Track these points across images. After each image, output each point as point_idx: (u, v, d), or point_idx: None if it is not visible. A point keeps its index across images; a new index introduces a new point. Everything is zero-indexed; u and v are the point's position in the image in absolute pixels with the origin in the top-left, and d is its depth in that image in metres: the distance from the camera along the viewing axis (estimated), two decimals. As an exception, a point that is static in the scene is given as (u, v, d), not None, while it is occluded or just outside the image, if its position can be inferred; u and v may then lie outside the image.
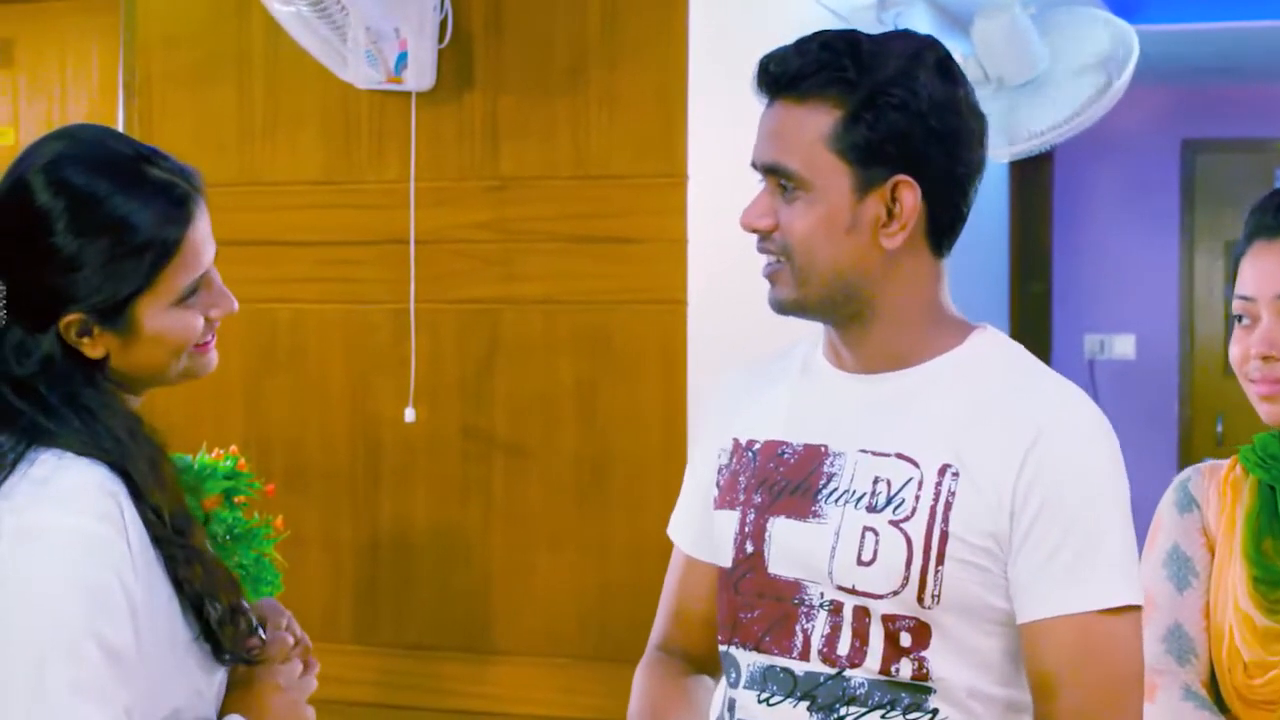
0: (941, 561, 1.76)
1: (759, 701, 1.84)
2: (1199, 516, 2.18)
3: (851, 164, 1.78)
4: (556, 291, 3.80)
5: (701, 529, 1.98)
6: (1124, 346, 7.55)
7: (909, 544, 1.76)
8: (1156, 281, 7.54)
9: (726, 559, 1.90)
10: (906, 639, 1.77)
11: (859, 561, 1.78)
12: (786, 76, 1.81)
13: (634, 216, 3.74)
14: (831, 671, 1.80)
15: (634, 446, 3.73)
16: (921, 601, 1.76)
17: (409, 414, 3.83)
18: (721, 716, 1.93)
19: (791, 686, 1.82)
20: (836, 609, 1.80)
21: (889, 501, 1.79)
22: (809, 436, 1.86)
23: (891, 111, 1.76)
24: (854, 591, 1.78)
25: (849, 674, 1.79)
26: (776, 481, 1.86)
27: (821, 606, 1.81)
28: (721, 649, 1.92)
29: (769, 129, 1.84)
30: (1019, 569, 1.76)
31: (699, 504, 1.99)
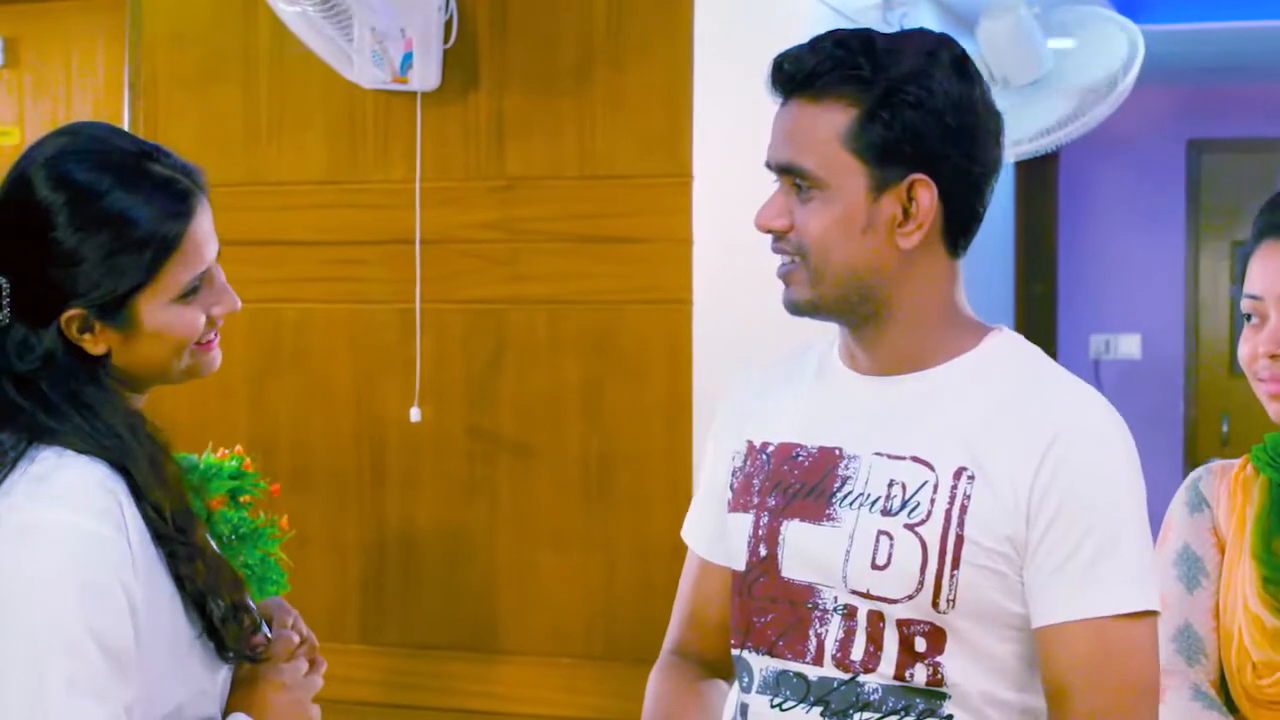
0: (957, 566, 1.74)
1: (772, 707, 1.82)
2: (1210, 516, 2.17)
3: (867, 163, 1.76)
4: (562, 291, 3.80)
5: (715, 532, 1.96)
6: (1129, 346, 7.54)
7: (924, 548, 1.74)
8: (1162, 281, 7.52)
9: (740, 562, 1.88)
10: (921, 644, 1.75)
11: (873, 565, 1.76)
12: (801, 75, 1.78)
13: (639, 216, 3.74)
14: (845, 677, 1.78)
15: (639, 446, 3.73)
16: (936, 606, 1.74)
17: (414, 414, 3.83)
18: None
19: (805, 692, 1.80)
20: (850, 613, 1.78)
21: (904, 505, 1.76)
22: (823, 439, 1.84)
23: (908, 110, 1.74)
24: (868, 596, 1.77)
25: (863, 679, 1.77)
26: (790, 484, 1.84)
27: (835, 611, 1.79)
28: (734, 653, 1.89)
29: (783, 128, 1.81)
30: (1035, 573, 1.74)
31: (713, 507, 1.97)
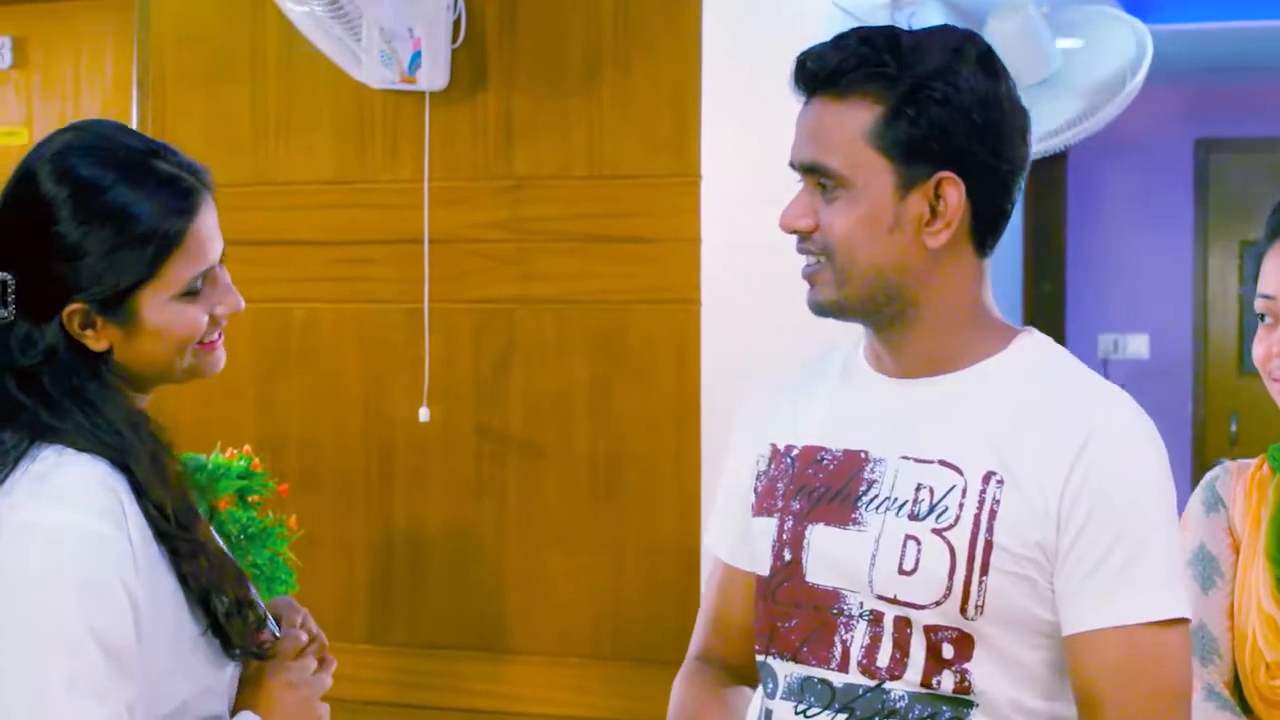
0: (986, 571, 1.71)
1: (796, 713, 1.79)
2: (1225, 516, 2.16)
3: (894, 161, 1.73)
4: (570, 291, 3.80)
5: (739, 536, 1.93)
6: (1138, 346, 7.52)
7: (952, 553, 1.72)
8: (1170, 281, 7.51)
9: (764, 567, 1.85)
10: (949, 650, 1.73)
11: (900, 570, 1.73)
12: (825, 72, 1.76)
13: (648, 216, 3.73)
14: (871, 683, 1.75)
15: (647, 446, 3.73)
16: (965, 612, 1.72)
17: (423, 413, 3.83)
18: None
19: (830, 698, 1.77)
20: (877, 619, 1.75)
21: (932, 509, 1.74)
22: (849, 442, 1.82)
23: (934, 106, 1.72)
24: (895, 601, 1.74)
25: (888, 686, 1.74)
26: (815, 488, 1.81)
27: (861, 616, 1.76)
28: (758, 659, 1.87)
29: (807, 127, 1.78)
30: (1065, 579, 1.71)
31: (737, 511, 1.94)
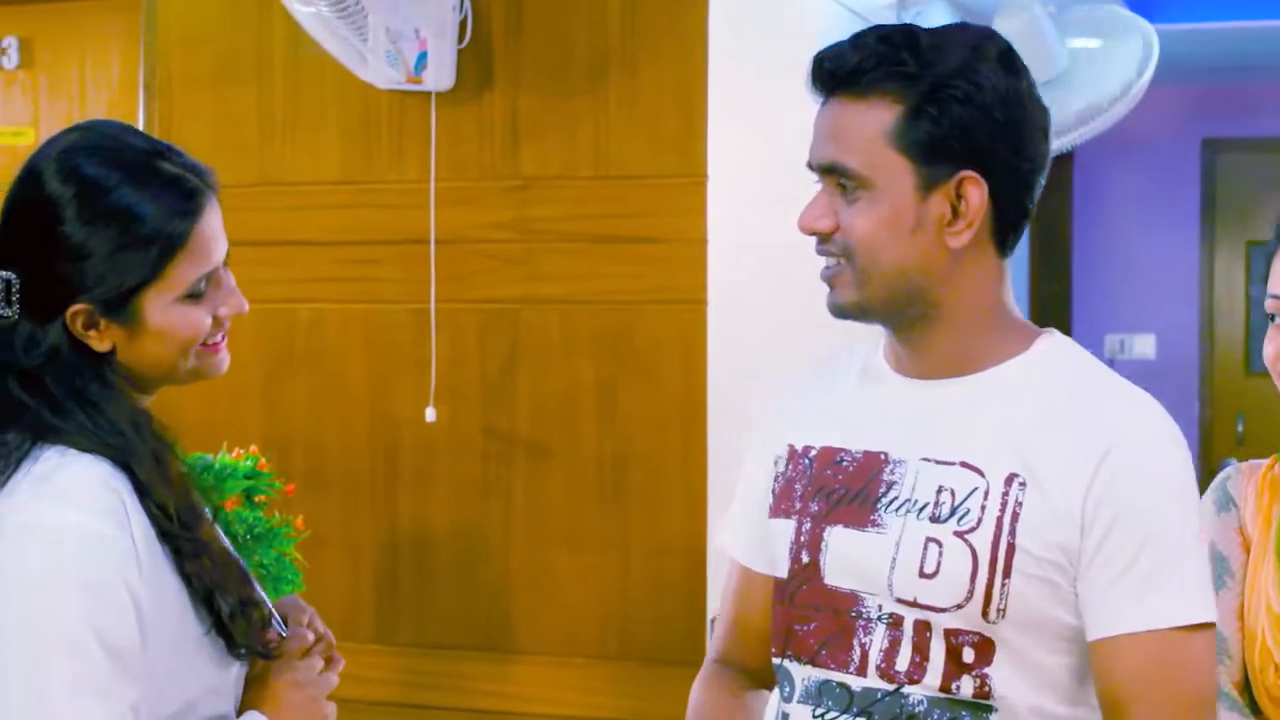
0: (1008, 575, 1.69)
1: (814, 717, 1.77)
2: (1236, 516, 2.16)
3: (914, 160, 1.71)
4: (577, 291, 3.80)
5: (756, 539, 1.91)
6: (1144, 346, 7.52)
7: (974, 556, 1.69)
8: (1177, 281, 7.51)
9: (781, 569, 1.83)
10: (969, 655, 1.71)
11: (921, 573, 1.71)
12: (843, 72, 1.74)
13: (654, 216, 3.73)
14: (890, 688, 1.73)
15: (654, 446, 3.73)
16: (986, 616, 1.69)
17: (429, 414, 3.83)
18: None
19: (848, 702, 1.75)
20: (896, 622, 1.73)
21: (953, 512, 1.72)
22: (868, 443, 1.79)
23: (955, 105, 1.70)
24: (915, 604, 1.72)
25: (907, 690, 1.72)
26: (834, 489, 1.79)
27: (880, 620, 1.74)
28: (774, 661, 1.85)
29: (826, 127, 1.76)
30: (1089, 584, 1.69)
31: (754, 513, 1.91)
